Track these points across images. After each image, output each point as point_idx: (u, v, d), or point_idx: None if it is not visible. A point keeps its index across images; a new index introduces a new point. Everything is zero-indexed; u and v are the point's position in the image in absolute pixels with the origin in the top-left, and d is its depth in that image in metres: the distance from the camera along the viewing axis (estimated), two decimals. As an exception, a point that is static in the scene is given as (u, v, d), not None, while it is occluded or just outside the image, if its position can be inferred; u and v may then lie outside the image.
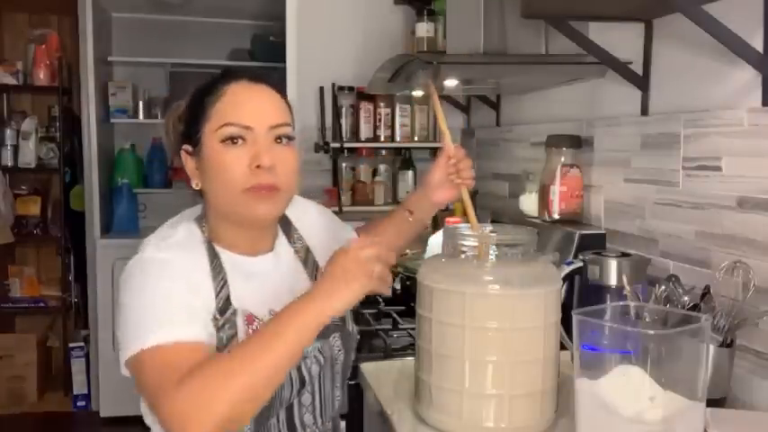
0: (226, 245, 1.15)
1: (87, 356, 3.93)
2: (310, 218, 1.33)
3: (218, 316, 1.07)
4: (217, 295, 1.09)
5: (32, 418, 3.82)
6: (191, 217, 1.19)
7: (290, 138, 1.14)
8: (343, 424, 1.63)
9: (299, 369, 1.14)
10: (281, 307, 1.03)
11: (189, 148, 1.15)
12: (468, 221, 1.33)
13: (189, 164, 1.15)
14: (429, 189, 1.40)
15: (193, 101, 1.16)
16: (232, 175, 1.08)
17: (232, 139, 1.09)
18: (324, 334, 1.13)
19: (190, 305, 1.03)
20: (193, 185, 1.15)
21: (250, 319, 1.11)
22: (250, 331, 1.09)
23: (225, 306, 1.09)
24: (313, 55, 2.88)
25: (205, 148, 1.11)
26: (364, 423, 1.62)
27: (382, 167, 2.96)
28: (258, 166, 1.08)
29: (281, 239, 1.25)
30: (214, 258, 1.12)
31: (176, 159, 1.19)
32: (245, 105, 1.11)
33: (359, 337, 1.34)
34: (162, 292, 1.03)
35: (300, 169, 1.16)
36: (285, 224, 1.27)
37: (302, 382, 1.15)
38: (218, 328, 1.06)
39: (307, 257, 1.27)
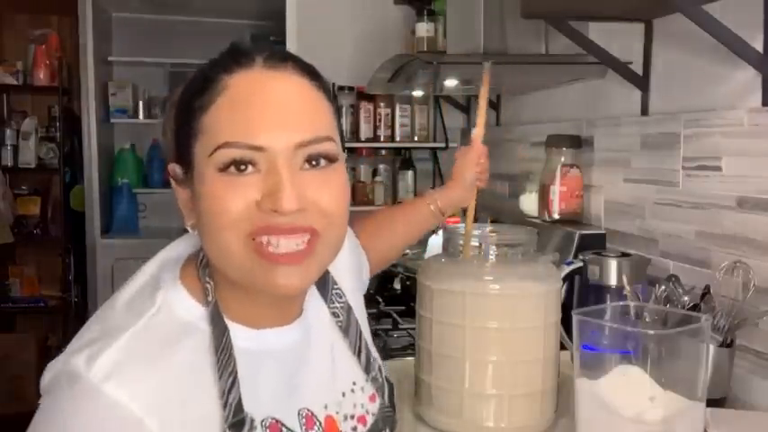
0: (232, 315, 0.75)
1: (87, 356, 3.93)
2: (342, 259, 0.86)
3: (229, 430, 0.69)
4: (226, 402, 0.69)
5: (32, 418, 3.82)
6: (176, 267, 0.77)
7: (331, 159, 0.73)
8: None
9: None
10: (315, 403, 0.79)
11: (177, 169, 0.74)
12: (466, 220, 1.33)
13: (180, 194, 0.75)
14: (465, 191, 1.31)
15: (181, 99, 0.75)
16: (230, 222, 0.68)
17: (236, 166, 0.68)
18: (375, 430, 0.86)
19: None
20: (188, 226, 0.75)
21: (274, 428, 0.74)
22: None
23: (237, 421, 0.70)
24: (313, 55, 2.84)
25: (197, 176, 0.71)
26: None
27: (382, 167, 2.96)
28: (275, 211, 0.67)
29: (314, 299, 0.85)
30: (221, 338, 0.72)
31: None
32: (254, 110, 0.69)
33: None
34: None
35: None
36: (321, 278, 0.83)
37: None
38: None
39: (348, 323, 0.88)
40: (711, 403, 1.12)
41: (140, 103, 4.00)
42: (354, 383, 0.86)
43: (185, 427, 0.67)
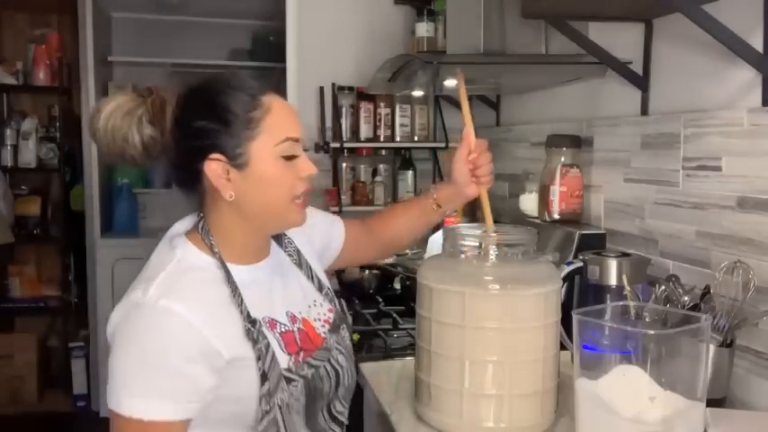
0: (234, 256, 1.11)
1: (87, 356, 3.93)
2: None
3: (250, 328, 1.05)
4: (241, 312, 1.06)
5: (32, 418, 3.82)
6: (182, 236, 1.12)
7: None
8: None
9: (330, 363, 1.17)
10: (294, 308, 1.16)
11: (222, 157, 1.06)
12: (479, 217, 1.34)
13: (221, 176, 1.06)
14: (460, 186, 1.38)
15: (221, 111, 1.05)
16: (288, 188, 1.08)
17: (291, 156, 1.08)
18: (335, 328, 1.23)
19: (184, 375, 0.99)
20: (227, 197, 1.07)
21: (272, 324, 1.11)
22: (277, 334, 1.11)
23: (251, 320, 1.06)
24: (313, 55, 2.87)
25: (256, 162, 1.06)
26: (364, 423, 1.62)
27: (382, 167, 2.96)
28: (309, 176, 1.11)
29: (274, 246, 1.23)
30: (228, 274, 1.08)
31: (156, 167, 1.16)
32: (292, 117, 1.10)
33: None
34: (157, 357, 0.98)
35: None
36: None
37: (337, 375, 1.18)
38: (254, 341, 1.04)
39: (300, 259, 1.26)
40: (711, 403, 1.12)
41: (140, 103, 4.00)
42: (315, 300, 1.24)
43: (221, 327, 1.02)
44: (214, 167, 1.06)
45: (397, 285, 2.32)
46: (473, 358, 1.17)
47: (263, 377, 1.04)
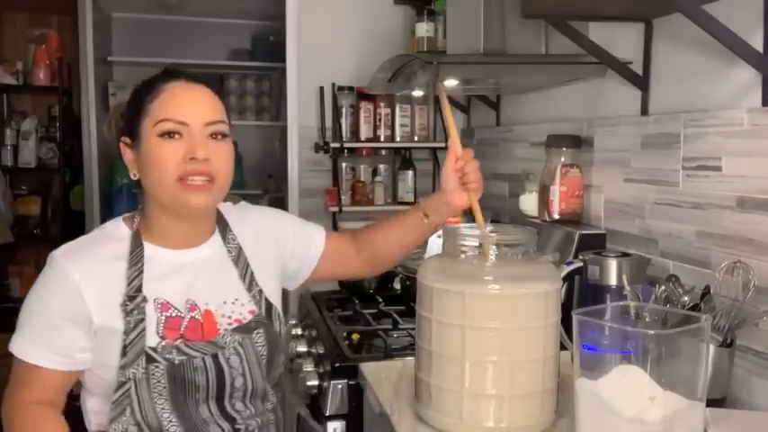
0: (155, 238, 1.22)
1: (87, 356, 3.92)
2: (252, 222, 1.36)
3: (126, 302, 1.15)
4: (129, 283, 1.16)
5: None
6: (120, 217, 1.27)
7: (224, 135, 1.21)
8: (343, 424, 1.63)
9: (215, 358, 1.19)
10: (198, 298, 1.22)
11: (128, 140, 1.22)
12: (474, 221, 1.33)
13: (127, 155, 1.22)
14: (447, 194, 1.36)
15: (134, 97, 1.22)
16: (168, 166, 1.15)
17: (169, 134, 1.16)
18: (246, 329, 1.25)
19: (61, 330, 1.14)
20: (131, 175, 1.23)
21: (164, 306, 1.19)
22: (163, 317, 1.18)
23: (134, 294, 1.16)
24: (313, 55, 2.87)
25: (143, 141, 1.18)
26: (364, 423, 1.62)
27: (382, 167, 2.96)
28: (192, 158, 1.15)
29: (216, 239, 1.29)
30: (136, 248, 1.20)
31: (116, 152, 1.27)
32: (182, 103, 1.18)
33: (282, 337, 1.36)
34: (43, 304, 1.16)
35: (298, 165, 1.23)
36: (222, 225, 1.32)
37: (219, 372, 1.19)
38: (126, 313, 1.15)
39: (239, 257, 1.30)
40: (711, 403, 1.12)
41: (140, 103, 4.00)
42: (236, 299, 1.26)
43: (102, 295, 1.15)
44: (123, 149, 1.23)
45: (397, 285, 2.32)
46: (473, 358, 1.17)
47: (124, 349, 1.14)
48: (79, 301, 1.13)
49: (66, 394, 1.20)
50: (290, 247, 1.40)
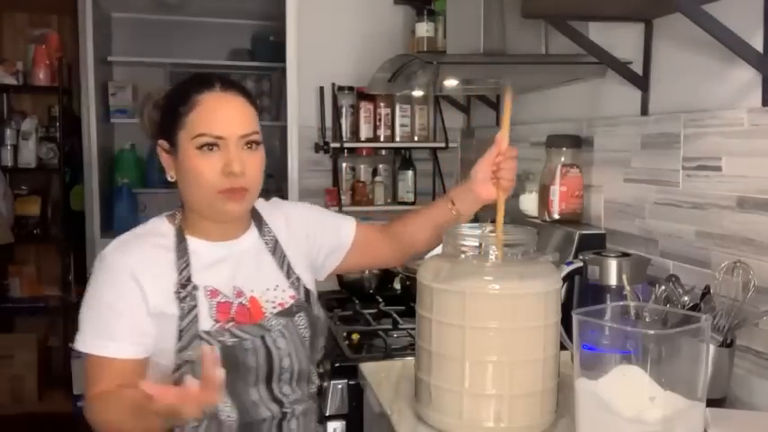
0: (196, 233, 1.28)
1: (87, 356, 3.92)
2: (284, 216, 1.42)
3: (180, 289, 1.21)
4: (180, 273, 1.22)
5: (32, 418, 3.82)
6: (162, 215, 1.33)
7: (257, 143, 1.25)
8: (343, 424, 1.63)
9: (263, 340, 1.24)
10: (243, 285, 1.28)
11: (165, 144, 1.26)
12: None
13: (165, 157, 1.28)
14: (474, 183, 1.40)
15: (168, 105, 1.26)
16: (206, 180, 1.21)
17: (207, 146, 1.20)
18: (288, 313, 1.30)
19: (127, 318, 1.18)
20: (169, 177, 1.28)
21: (214, 293, 1.24)
22: (214, 302, 1.23)
23: (186, 282, 1.22)
24: (313, 55, 2.87)
25: (181, 151, 1.23)
26: (364, 423, 1.62)
27: (382, 167, 2.96)
28: (230, 173, 1.20)
29: (253, 231, 1.36)
30: (181, 242, 1.26)
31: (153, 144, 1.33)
32: (218, 116, 1.21)
33: (321, 320, 1.40)
34: (104, 297, 1.19)
35: (298, 165, 1.26)
36: (258, 221, 1.37)
37: (268, 354, 1.24)
38: (180, 300, 1.20)
39: (275, 248, 1.36)
40: (711, 403, 1.12)
41: (140, 103, 4.00)
42: (277, 285, 1.33)
43: (156, 283, 1.20)
44: (160, 150, 1.28)
45: (397, 285, 2.32)
46: (473, 358, 1.17)
47: (180, 334, 1.19)
48: (137, 287, 1.18)
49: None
50: (320, 238, 1.44)
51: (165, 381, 1.18)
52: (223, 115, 1.21)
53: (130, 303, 1.18)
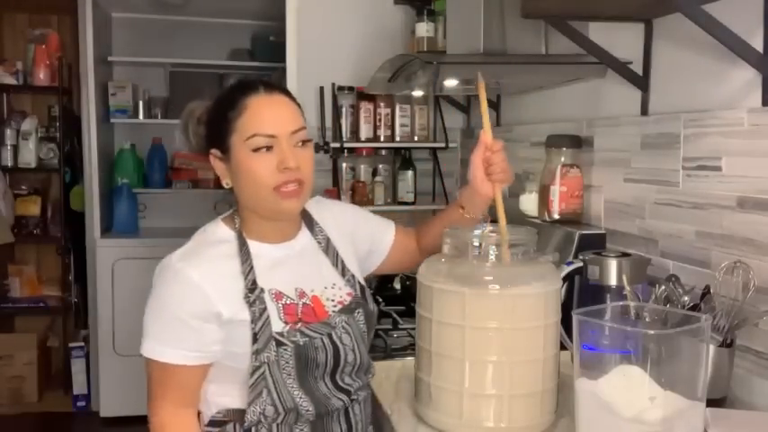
0: (254, 236, 1.30)
1: (87, 356, 3.93)
2: (331, 214, 1.45)
3: (248, 294, 1.23)
4: (245, 278, 1.24)
5: (32, 418, 3.82)
6: (217, 217, 1.35)
7: (307, 140, 1.28)
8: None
9: (330, 337, 1.27)
10: (305, 285, 1.30)
11: (218, 153, 1.28)
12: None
13: (218, 166, 1.29)
14: (474, 185, 1.41)
15: (216, 114, 1.29)
16: (263, 178, 1.23)
17: (260, 148, 1.23)
18: (348, 310, 1.33)
19: (193, 328, 1.20)
20: (224, 184, 1.30)
21: (278, 296, 1.27)
22: (280, 305, 1.26)
23: (252, 286, 1.24)
24: (313, 55, 2.87)
25: (235, 155, 1.25)
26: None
27: (382, 167, 2.95)
28: (285, 168, 1.22)
29: (305, 232, 1.38)
30: (243, 246, 1.27)
31: (202, 158, 1.34)
32: (267, 116, 1.25)
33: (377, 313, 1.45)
34: (171, 308, 1.21)
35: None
36: (308, 221, 1.40)
37: (335, 350, 1.27)
38: (250, 304, 1.22)
39: (328, 247, 1.39)
40: (711, 403, 1.12)
41: (140, 103, 4.00)
42: (335, 284, 1.36)
43: (225, 292, 1.21)
44: (213, 159, 1.30)
45: (397, 285, 2.32)
46: (473, 358, 1.17)
47: (254, 337, 1.21)
48: (205, 299, 1.19)
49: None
50: (364, 239, 1.48)
51: (240, 384, 1.23)
52: (272, 114, 1.25)
53: (200, 317, 1.20)
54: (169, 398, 1.22)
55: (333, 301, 1.33)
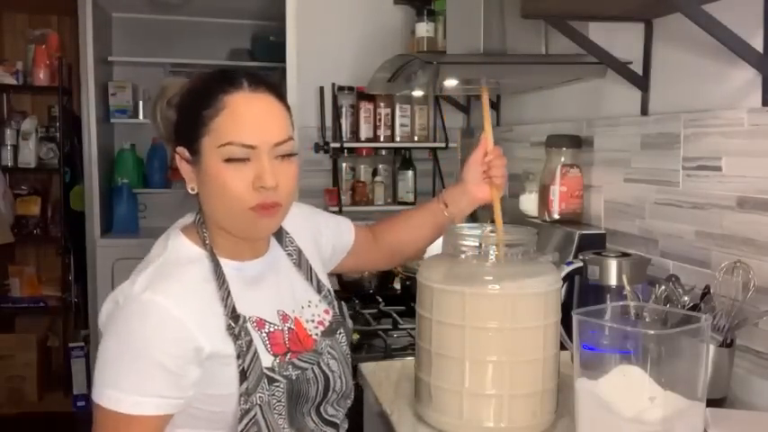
0: (225, 253, 1.12)
1: (87, 356, 3.93)
2: (295, 220, 1.27)
3: (232, 325, 1.05)
4: (225, 305, 1.06)
5: (32, 418, 3.82)
6: (175, 229, 1.15)
7: (292, 154, 1.09)
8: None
9: (319, 366, 1.15)
10: (286, 307, 1.16)
11: (185, 153, 1.09)
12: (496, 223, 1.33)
13: (184, 168, 1.10)
14: (467, 185, 1.40)
15: (188, 105, 1.09)
16: (235, 195, 1.04)
17: (235, 159, 1.04)
18: (330, 331, 1.22)
19: (167, 371, 0.99)
20: (189, 189, 1.11)
21: (260, 323, 1.11)
22: (264, 334, 1.10)
23: (234, 316, 1.06)
24: (313, 55, 2.87)
25: (206, 161, 1.06)
26: (364, 423, 1.61)
27: (382, 167, 2.96)
28: (261, 187, 1.04)
29: (275, 244, 1.23)
30: (217, 267, 1.09)
31: (169, 148, 1.15)
32: (247, 122, 1.05)
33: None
34: (142, 349, 0.99)
35: (300, 171, 1.14)
36: (277, 231, 1.22)
37: (326, 379, 1.15)
38: (235, 337, 1.05)
39: (300, 259, 1.25)
40: (711, 403, 1.12)
41: (140, 103, 4.00)
42: (310, 301, 1.23)
43: (205, 322, 1.02)
44: (178, 158, 1.10)
45: (397, 285, 2.32)
46: (473, 358, 1.17)
47: (243, 375, 1.04)
48: (185, 334, 1.00)
49: None
50: (325, 239, 1.36)
51: (227, 428, 1.06)
52: (254, 120, 1.05)
53: (180, 356, 1.00)
54: None
55: (313, 322, 1.20)
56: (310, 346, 1.16)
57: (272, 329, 1.11)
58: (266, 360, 1.07)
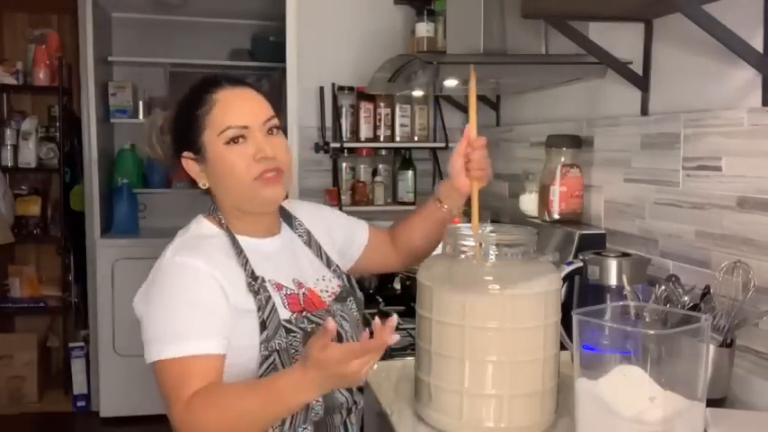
0: (241, 232, 1.28)
1: (87, 356, 3.93)
2: (306, 212, 1.45)
3: (252, 282, 1.20)
4: (244, 269, 1.22)
5: (32, 418, 3.82)
6: (198, 216, 1.31)
7: (279, 128, 1.28)
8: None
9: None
10: (300, 277, 1.30)
11: (190, 154, 1.26)
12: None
13: (192, 168, 1.27)
14: (452, 178, 1.41)
15: (184, 115, 1.27)
16: (242, 170, 1.21)
17: (234, 140, 1.22)
18: (341, 298, 1.35)
19: (211, 313, 1.15)
20: (201, 186, 1.28)
21: (279, 286, 1.25)
22: (282, 294, 1.24)
23: (254, 276, 1.22)
24: (313, 55, 2.87)
25: (211, 151, 1.23)
26: (364, 423, 1.61)
27: (382, 167, 2.96)
28: (263, 158, 1.21)
29: (285, 227, 1.38)
30: (233, 241, 1.25)
31: (172, 167, 1.31)
32: (238, 107, 1.24)
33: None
34: (184, 302, 1.15)
35: (298, 165, 1.24)
36: (286, 216, 1.40)
37: (339, 337, 1.25)
38: (255, 293, 1.20)
39: (310, 240, 1.40)
40: (711, 403, 1.12)
41: (140, 103, 4.00)
42: (323, 276, 1.36)
43: (230, 279, 1.18)
44: (186, 163, 1.27)
45: (397, 285, 2.32)
46: (473, 358, 1.17)
47: (263, 325, 1.19)
48: (216, 284, 1.16)
49: None
50: (337, 239, 1.46)
51: (246, 377, 1.18)
52: (242, 105, 1.24)
53: (214, 299, 1.15)
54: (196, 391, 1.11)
55: (326, 291, 1.34)
56: (323, 307, 1.29)
57: (288, 292, 1.26)
58: (284, 314, 1.22)
